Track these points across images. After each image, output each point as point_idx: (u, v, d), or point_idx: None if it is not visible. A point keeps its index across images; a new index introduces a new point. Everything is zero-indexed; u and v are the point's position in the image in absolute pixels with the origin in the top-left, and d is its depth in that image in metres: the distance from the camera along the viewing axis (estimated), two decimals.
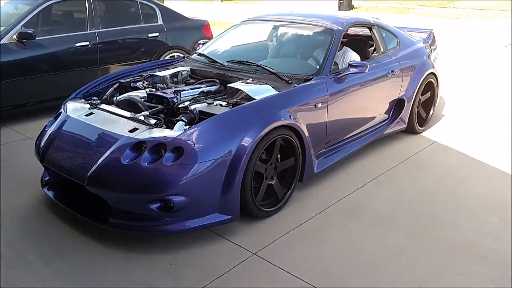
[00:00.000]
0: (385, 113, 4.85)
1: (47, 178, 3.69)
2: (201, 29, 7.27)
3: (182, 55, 6.31)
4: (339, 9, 19.95)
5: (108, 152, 3.17)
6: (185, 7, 17.98)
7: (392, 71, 4.72)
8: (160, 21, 6.76)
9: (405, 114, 5.00)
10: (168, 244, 3.19)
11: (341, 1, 20.29)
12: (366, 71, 4.12)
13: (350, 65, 4.08)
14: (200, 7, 21.45)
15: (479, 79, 8.01)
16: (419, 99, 5.18)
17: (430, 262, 3.04)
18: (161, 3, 7.33)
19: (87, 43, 5.90)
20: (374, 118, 4.70)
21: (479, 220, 3.57)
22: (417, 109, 5.16)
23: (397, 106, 4.95)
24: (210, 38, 7.11)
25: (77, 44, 5.82)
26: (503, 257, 3.11)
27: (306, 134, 3.69)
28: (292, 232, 3.36)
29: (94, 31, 5.99)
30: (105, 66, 6.09)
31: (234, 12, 19.35)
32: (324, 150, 4.08)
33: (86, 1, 5.97)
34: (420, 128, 5.28)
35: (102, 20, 6.13)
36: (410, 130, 5.17)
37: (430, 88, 5.37)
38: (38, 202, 3.72)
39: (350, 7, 20.27)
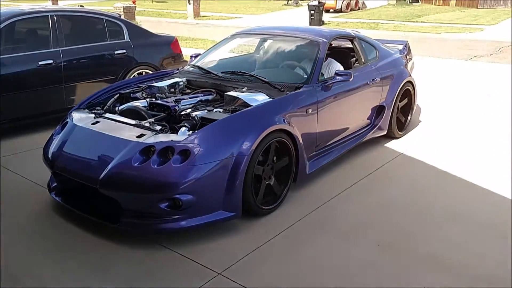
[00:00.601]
0: (367, 119, 5.20)
1: (55, 184, 3.88)
2: (169, 46, 7.20)
3: (151, 72, 6.43)
4: (310, 25, 20.45)
5: (119, 156, 3.40)
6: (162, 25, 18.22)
7: (373, 79, 5.08)
8: (126, 38, 6.65)
9: (385, 120, 5.35)
10: (128, 267, 3.14)
11: (312, 17, 20.79)
12: (351, 79, 4.47)
13: (337, 74, 4.42)
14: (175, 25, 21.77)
15: (448, 89, 8.46)
16: (398, 106, 5.54)
17: (395, 275, 3.08)
18: (129, 20, 7.24)
19: (51, 61, 5.74)
20: (358, 123, 5.04)
21: (443, 231, 3.63)
22: (396, 115, 5.52)
23: (378, 112, 5.31)
24: (179, 54, 7.22)
25: (41, 63, 5.66)
26: (467, 268, 3.16)
27: (299, 137, 3.98)
28: (259, 249, 3.33)
29: (58, 49, 5.85)
30: (70, 85, 5.95)
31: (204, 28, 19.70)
32: (315, 153, 4.38)
33: (50, 18, 5.85)
34: (399, 133, 5.64)
35: (67, 37, 5.99)
36: (390, 135, 5.52)
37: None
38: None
39: (321, 22, 20.79)
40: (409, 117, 5.83)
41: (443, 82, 9.00)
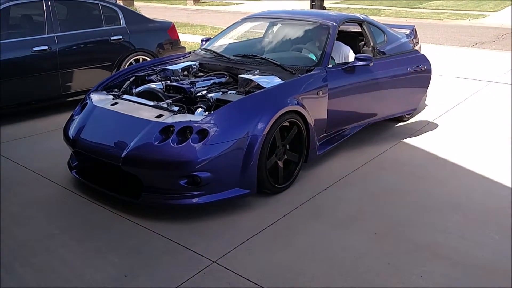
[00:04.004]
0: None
1: (76, 163, 4.02)
2: (166, 31, 7.13)
3: (148, 59, 6.43)
4: None
5: (140, 135, 3.54)
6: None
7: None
8: (123, 24, 6.56)
9: None
10: (123, 253, 3.14)
11: (313, 3, 20.77)
12: (371, 64, 4.56)
13: (357, 58, 4.51)
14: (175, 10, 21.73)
15: (450, 77, 8.57)
16: None
17: (393, 264, 3.03)
18: (125, 6, 7.13)
19: (46, 47, 5.70)
20: (375, 115, 5.02)
21: (442, 219, 3.58)
22: None
23: None
24: (176, 40, 7.19)
25: (35, 49, 5.62)
26: (466, 257, 3.12)
27: (311, 118, 4.11)
28: (254, 238, 3.32)
29: (53, 34, 5.79)
30: (65, 71, 5.92)
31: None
32: (325, 134, 4.51)
33: (44, 4, 5.76)
34: (406, 115, 5.76)
35: (62, 23, 5.92)
36: (398, 118, 5.62)
37: None
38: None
39: (322, 8, 20.77)
40: None
41: (445, 69, 9.09)
